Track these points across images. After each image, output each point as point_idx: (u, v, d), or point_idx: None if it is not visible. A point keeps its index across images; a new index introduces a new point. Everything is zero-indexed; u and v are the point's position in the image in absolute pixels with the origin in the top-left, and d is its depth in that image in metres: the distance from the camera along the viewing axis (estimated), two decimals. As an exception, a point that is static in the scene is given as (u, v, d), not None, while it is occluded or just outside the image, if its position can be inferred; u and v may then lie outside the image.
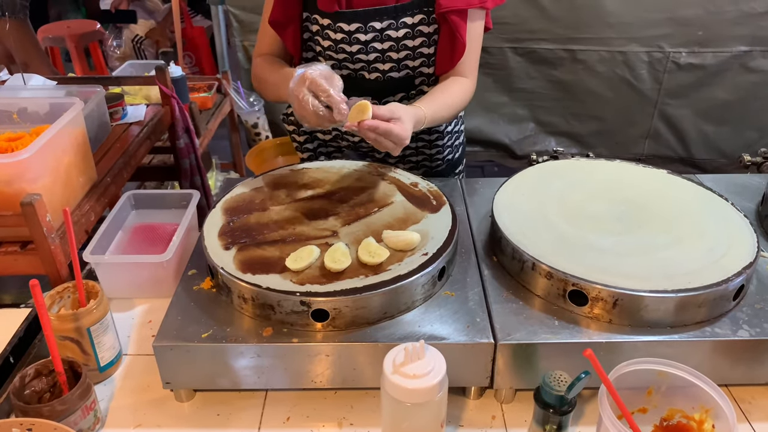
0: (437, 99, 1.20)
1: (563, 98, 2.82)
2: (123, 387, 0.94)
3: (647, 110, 2.80)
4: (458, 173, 1.53)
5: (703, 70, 2.67)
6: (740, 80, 2.68)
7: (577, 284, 0.88)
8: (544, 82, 2.80)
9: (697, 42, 2.61)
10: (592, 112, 2.84)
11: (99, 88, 1.46)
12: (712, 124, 2.80)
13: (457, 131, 1.47)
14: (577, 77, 2.75)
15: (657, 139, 2.88)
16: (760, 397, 0.91)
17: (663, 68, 2.68)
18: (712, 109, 2.76)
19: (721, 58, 2.64)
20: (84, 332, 0.89)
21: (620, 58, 2.67)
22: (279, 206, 1.07)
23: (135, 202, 1.24)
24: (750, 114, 2.76)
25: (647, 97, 2.76)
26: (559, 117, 2.87)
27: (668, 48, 2.63)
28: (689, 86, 2.72)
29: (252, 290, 0.87)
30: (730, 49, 2.62)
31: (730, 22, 2.54)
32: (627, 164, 1.20)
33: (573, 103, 2.83)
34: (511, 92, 2.82)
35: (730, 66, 2.65)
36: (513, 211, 1.04)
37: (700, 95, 2.73)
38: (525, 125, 2.90)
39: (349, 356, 0.86)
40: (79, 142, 1.22)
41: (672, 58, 2.65)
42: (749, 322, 0.88)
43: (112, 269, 1.07)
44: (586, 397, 0.91)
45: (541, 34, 2.66)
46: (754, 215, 1.15)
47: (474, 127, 2.87)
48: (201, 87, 2.34)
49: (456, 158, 1.49)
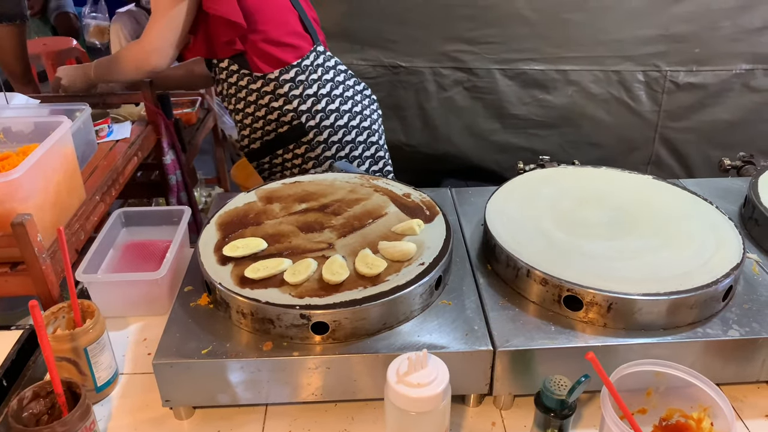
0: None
1: (558, 124, 2.67)
2: (121, 406, 0.93)
3: (647, 134, 2.65)
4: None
5: (704, 90, 2.53)
6: (743, 101, 2.54)
7: (571, 290, 0.90)
8: (537, 107, 2.65)
9: (694, 60, 2.49)
10: (590, 138, 2.68)
11: (84, 106, 1.45)
12: (718, 149, 2.60)
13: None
14: (572, 100, 2.60)
15: (660, 165, 2.71)
16: (751, 395, 0.93)
17: (661, 88, 2.55)
18: (717, 133, 2.60)
19: (721, 77, 2.50)
20: (81, 352, 0.89)
21: (615, 77, 2.55)
22: (273, 220, 1.07)
23: (125, 220, 1.23)
24: (757, 137, 2.59)
25: (647, 120, 2.61)
26: (555, 146, 2.70)
27: (665, 67, 2.51)
28: (690, 108, 2.57)
29: (251, 305, 0.88)
30: (731, 68, 2.48)
31: (728, 39, 2.43)
32: (613, 170, 1.23)
33: (569, 130, 2.67)
34: (503, 119, 2.68)
35: (731, 86, 2.51)
36: (505, 219, 1.06)
37: (702, 118, 2.58)
38: (519, 156, 2.57)
39: (350, 368, 0.87)
40: (68, 161, 1.21)
41: (670, 78, 2.52)
42: (738, 321, 0.90)
43: (105, 288, 1.07)
44: (583, 400, 0.92)
45: (530, 54, 2.54)
46: (738, 217, 1.18)
47: (461, 154, 2.73)
48: (184, 103, 2.33)
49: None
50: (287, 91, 1.54)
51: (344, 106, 1.61)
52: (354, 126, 1.63)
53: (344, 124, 1.61)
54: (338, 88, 1.61)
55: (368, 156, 1.67)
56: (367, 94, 1.71)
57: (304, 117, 1.56)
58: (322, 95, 1.57)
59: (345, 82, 1.64)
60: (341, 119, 1.60)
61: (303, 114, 1.56)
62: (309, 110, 1.57)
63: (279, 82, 1.53)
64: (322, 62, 1.59)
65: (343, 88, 1.62)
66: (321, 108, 1.57)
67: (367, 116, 1.67)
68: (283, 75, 1.54)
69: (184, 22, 1.48)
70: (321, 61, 1.59)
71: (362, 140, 1.65)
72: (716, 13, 2.41)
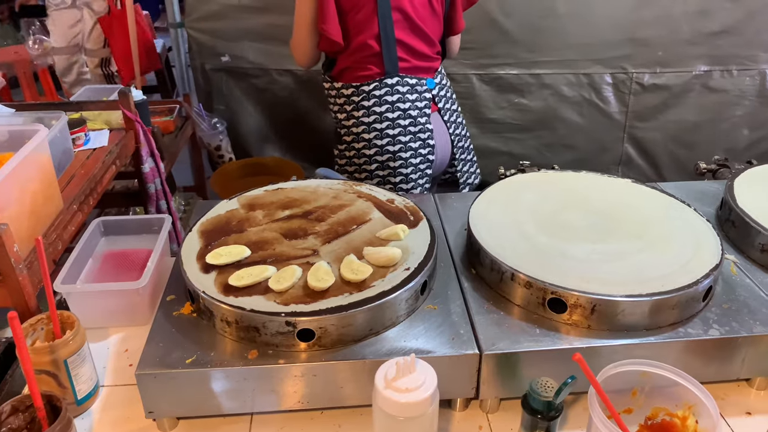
0: None
1: (534, 127, 2.79)
2: (102, 420, 0.91)
3: (617, 134, 2.81)
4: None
5: (667, 91, 2.70)
6: (704, 101, 2.71)
7: (555, 292, 0.90)
8: (513, 111, 2.77)
9: (658, 62, 2.65)
10: (564, 140, 2.81)
11: (61, 114, 1.42)
12: (683, 148, 2.81)
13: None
14: (546, 103, 2.73)
15: (629, 165, 2.88)
16: (732, 393, 0.95)
17: (628, 90, 2.71)
18: (682, 132, 2.77)
19: (683, 78, 2.67)
20: (61, 364, 0.87)
21: (585, 80, 2.69)
22: (257, 227, 1.07)
23: (104, 229, 1.21)
24: (718, 135, 2.78)
25: (616, 120, 2.77)
26: (531, 149, 2.84)
27: (631, 69, 2.66)
28: (655, 108, 2.74)
29: (236, 313, 0.87)
30: (691, 69, 2.66)
31: (687, 42, 2.59)
32: (592, 175, 1.24)
33: (545, 132, 2.80)
34: (481, 123, 2.79)
35: (692, 86, 2.68)
36: (489, 224, 1.07)
37: (667, 117, 2.75)
38: (498, 160, 2.80)
39: (336, 375, 0.86)
40: (44, 170, 1.19)
41: (636, 79, 2.68)
42: (718, 321, 0.92)
43: (84, 298, 1.04)
44: (569, 402, 0.93)
45: (505, 59, 2.66)
46: (715, 219, 1.20)
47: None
48: (162, 110, 2.31)
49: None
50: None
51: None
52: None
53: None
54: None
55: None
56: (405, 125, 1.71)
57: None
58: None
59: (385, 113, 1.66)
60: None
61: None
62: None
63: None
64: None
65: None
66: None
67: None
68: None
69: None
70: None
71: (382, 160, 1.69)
72: (677, 18, 2.57)
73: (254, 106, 2.92)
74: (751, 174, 1.25)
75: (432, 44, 1.67)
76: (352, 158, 1.70)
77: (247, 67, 2.81)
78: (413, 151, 1.66)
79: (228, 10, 2.68)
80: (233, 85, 2.86)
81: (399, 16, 1.58)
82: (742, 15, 2.58)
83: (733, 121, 2.78)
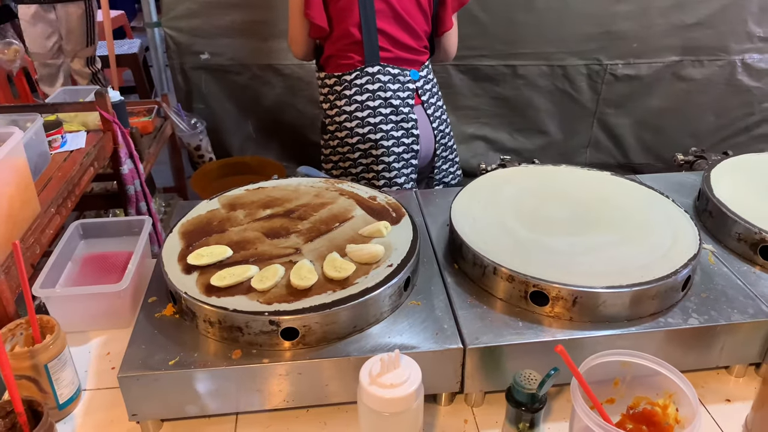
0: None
1: (507, 114, 2.89)
2: (84, 424, 0.90)
3: (587, 120, 2.92)
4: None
5: (639, 81, 2.80)
6: (673, 89, 2.82)
7: (537, 285, 0.91)
8: (488, 99, 2.86)
9: (632, 54, 2.74)
10: (536, 126, 2.92)
11: (36, 116, 1.40)
12: (650, 132, 2.94)
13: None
14: (519, 92, 2.83)
15: (597, 147, 3.00)
16: (711, 381, 0.96)
17: (601, 80, 2.80)
18: (649, 117, 2.89)
19: (655, 68, 2.77)
20: (41, 369, 0.85)
21: (560, 71, 2.78)
22: (238, 227, 1.06)
23: (83, 232, 1.20)
24: (684, 120, 2.90)
25: (587, 108, 2.88)
26: (505, 134, 2.94)
27: (606, 60, 2.75)
28: (626, 96, 2.84)
29: (218, 313, 0.86)
30: (663, 60, 2.76)
31: (662, 34, 2.69)
32: (572, 168, 1.26)
33: (517, 119, 2.91)
34: (457, 110, 2.87)
35: (663, 75, 2.79)
36: (471, 219, 1.07)
37: (636, 104, 2.86)
38: (473, 145, 2.95)
39: (321, 373, 0.86)
40: (20, 173, 1.17)
41: (609, 70, 2.77)
42: (697, 310, 0.93)
43: (64, 302, 1.03)
44: (553, 394, 0.94)
45: (482, 51, 2.73)
46: (692, 210, 1.22)
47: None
48: (140, 111, 2.29)
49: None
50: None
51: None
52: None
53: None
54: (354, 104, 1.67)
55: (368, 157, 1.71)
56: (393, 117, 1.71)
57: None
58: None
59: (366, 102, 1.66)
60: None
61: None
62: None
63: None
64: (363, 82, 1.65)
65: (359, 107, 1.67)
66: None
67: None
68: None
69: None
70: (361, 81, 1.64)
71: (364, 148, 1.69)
72: (653, 11, 2.65)
73: (234, 105, 2.91)
74: (727, 165, 1.27)
75: (418, 38, 1.67)
76: (336, 147, 1.71)
77: (227, 64, 2.80)
78: (395, 140, 1.66)
79: (205, 7, 2.66)
80: (213, 83, 2.84)
81: (383, 6, 1.59)
82: (716, 7, 2.65)
83: (701, 108, 2.88)
